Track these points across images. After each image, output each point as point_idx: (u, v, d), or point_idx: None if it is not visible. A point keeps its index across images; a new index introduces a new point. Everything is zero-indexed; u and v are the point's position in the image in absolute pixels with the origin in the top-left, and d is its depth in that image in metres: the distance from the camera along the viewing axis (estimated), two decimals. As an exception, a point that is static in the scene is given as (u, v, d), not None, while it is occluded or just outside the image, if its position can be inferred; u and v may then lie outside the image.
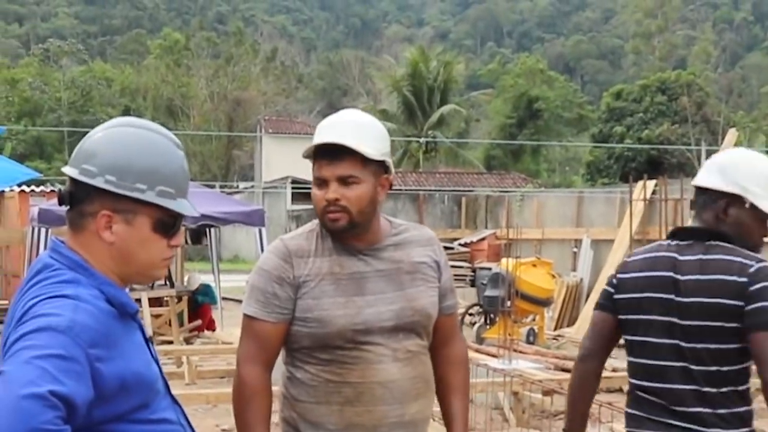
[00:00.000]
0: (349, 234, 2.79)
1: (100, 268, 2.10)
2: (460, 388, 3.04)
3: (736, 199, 3.11)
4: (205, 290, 15.34)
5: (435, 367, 3.01)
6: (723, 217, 3.13)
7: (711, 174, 3.18)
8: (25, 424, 1.72)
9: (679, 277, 3.10)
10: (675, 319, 3.09)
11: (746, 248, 3.11)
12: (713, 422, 3.03)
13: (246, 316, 2.84)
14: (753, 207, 3.10)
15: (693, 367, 3.06)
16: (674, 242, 3.20)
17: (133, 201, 2.08)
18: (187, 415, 2.27)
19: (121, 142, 2.11)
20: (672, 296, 3.10)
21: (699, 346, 3.05)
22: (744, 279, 3.00)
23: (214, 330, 14.93)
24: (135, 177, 2.07)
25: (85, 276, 2.06)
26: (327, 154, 2.73)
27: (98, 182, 2.06)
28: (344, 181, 2.72)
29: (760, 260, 3.04)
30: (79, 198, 2.10)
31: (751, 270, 3.01)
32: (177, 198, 2.15)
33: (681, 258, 3.13)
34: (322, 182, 2.75)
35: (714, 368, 3.03)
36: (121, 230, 2.09)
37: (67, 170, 2.11)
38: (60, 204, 2.14)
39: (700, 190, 3.19)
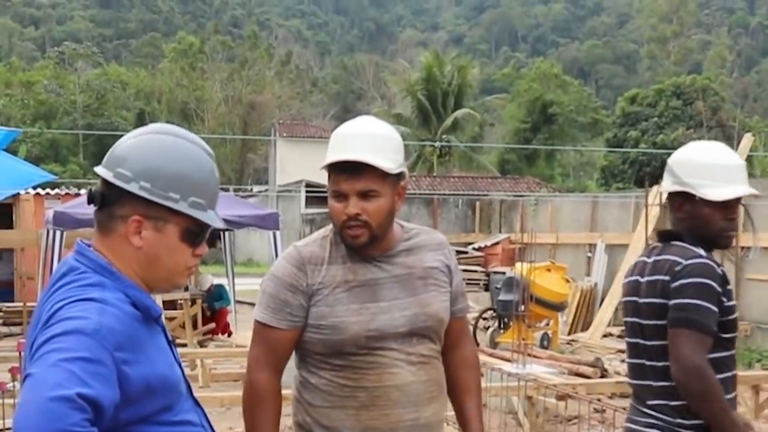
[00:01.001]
0: (366, 246, 2.79)
1: (126, 272, 2.11)
2: (473, 389, 3.06)
3: (686, 196, 3.21)
4: (219, 293, 15.34)
5: (446, 369, 3.02)
6: (680, 215, 3.25)
7: (665, 178, 3.32)
8: (53, 425, 1.74)
9: (640, 279, 3.28)
10: (638, 320, 3.29)
11: (708, 240, 3.24)
12: (671, 413, 3.18)
13: (257, 323, 2.85)
14: (703, 198, 3.18)
15: (647, 363, 3.26)
16: (653, 245, 3.38)
17: (165, 209, 2.10)
18: (208, 418, 2.28)
19: (155, 149, 2.12)
20: (636, 298, 3.29)
21: (652, 343, 3.23)
22: (668, 277, 3.16)
23: (230, 335, 14.94)
24: (169, 185, 2.09)
25: (111, 279, 2.07)
26: (346, 168, 2.70)
27: (132, 187, 2.07)
28: (364, 195, 2.71)
29: (697, 257, 3.14)
30: (111, 200, 2.11)
31: (677, 268, 3.14)
32: (207, 209, 2.16)
33: (647, 261, 3.31)
34: (340, 196, 2.74)
35: (662, 364, 3.18)
36: (150, 236, 2.11)
37: (101, 171, 2.12)
38: (89, 203, 2.15)
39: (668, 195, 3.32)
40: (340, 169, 2.72)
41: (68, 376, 1.80)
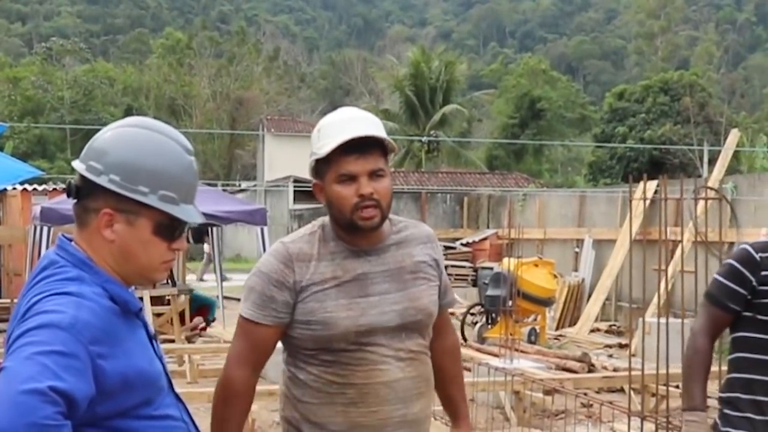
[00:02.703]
0: (375, 230, 2.79)
1: (103, 265, 2.11)
2: (458, 377, 3.13)
3: None
4: (194, 297, 15.15)
5: (431, 358, 3.03)
6: None
7: None
8: (25, 418, 1.74)
9: None
10: None
11: None
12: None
13: (242, 318, 2.82)
14: None
15: None
16: None
17: (135, 202, 2.09)
18: (190, 412, 2.29)
19: (129, 143, 2.13)
20: None
21: None
22: None
23: (204, 329, 14.94)
24: (138, 179, 2.09)
25: (90, 273, 2.08)
26: (355, 149, 2.69)
27: (102, 180, 2.08)
28: (374, 174, 2.71)
29: (746, 243, 3.41)
30: (85, 193, 2.12)
31: None
32: (180, 203, 2.15)
33: None
34: (349, 179, 2.71)
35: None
36: (122, 230, 2.11)
37: (76, 165, 2.13)
38: (67, 196, 2.16)
39: None
40: (348, 151, 2.69)
41: (41, 369, 1.80)
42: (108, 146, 2.12)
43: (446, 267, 3.28)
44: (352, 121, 2.74)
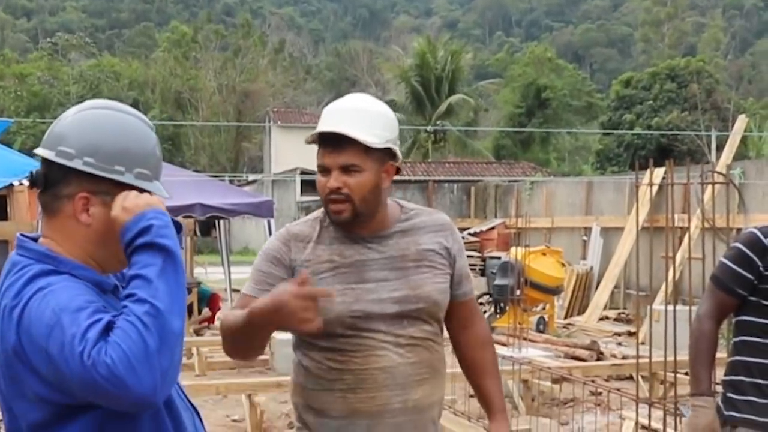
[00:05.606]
0: (352, 224, 2.78)
1: (75, 253, 2.08)
2: (489, 367, 3.06)
3: None
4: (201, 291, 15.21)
5: (460, 351, 3.05)
6: None
7: None
8: (84, 363, 1.80)
9: None
10: None
11: None
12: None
13: (241, 294, 2.85)
14: None
15: None
16: None
17: (112, 183, 2.07)
18: (183, 390, 2.28)
19: (97, 124, 2.10)
20: None
21: None
22: None
23: (219, 309, 15.00)
24: (113, 159, 2.07)
25: (54, 265, 2.04)
26: (330, 141, 2.71)
27: (76, 164, 2.05)
28: (346, 169, 2.70)
29: (754, 227, 3.43)
30: (55, 180, 2.08)
31: None
32: (153, 180, 2.15)
33: None
34: (324, 170, 2.74)
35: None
36: (98, 212, 2.08)
37: (42, 152, 2.10)
38: (32, 186, 2.12)
39: None
40: (325, 142, 2.73)
41: (68, 337, 1.83)
42: (75, 130, 2.09)
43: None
44: (338, 113, 2.75)
